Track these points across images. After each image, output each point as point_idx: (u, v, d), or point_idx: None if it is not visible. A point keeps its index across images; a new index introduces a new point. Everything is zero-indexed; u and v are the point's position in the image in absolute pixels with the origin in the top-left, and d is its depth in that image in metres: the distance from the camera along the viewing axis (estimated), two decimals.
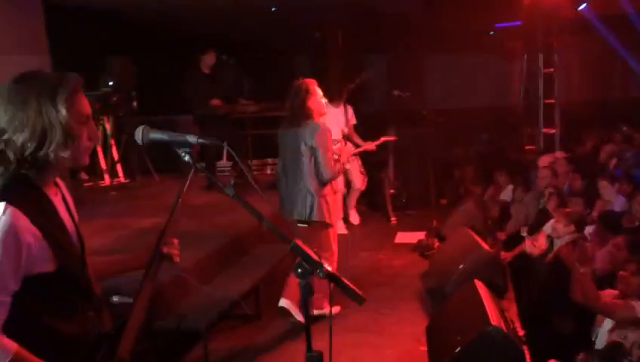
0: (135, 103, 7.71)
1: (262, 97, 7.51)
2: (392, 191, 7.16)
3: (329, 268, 1.57)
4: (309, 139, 3.79)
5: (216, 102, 6.69)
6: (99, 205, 6.27)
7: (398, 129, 7.48)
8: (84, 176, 7.96)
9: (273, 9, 8.23)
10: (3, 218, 1.47)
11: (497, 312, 3.19)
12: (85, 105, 1.60)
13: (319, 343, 1.70)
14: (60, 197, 1.68)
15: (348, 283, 1.59)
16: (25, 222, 1.49)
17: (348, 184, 6.48)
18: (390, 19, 8.92)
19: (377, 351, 3.68)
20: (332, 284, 1.58)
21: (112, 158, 7.77)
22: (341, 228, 5.81)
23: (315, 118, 3.87)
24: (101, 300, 1.76)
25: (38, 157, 1.53)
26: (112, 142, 7.73)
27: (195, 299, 3.74)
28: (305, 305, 1.56)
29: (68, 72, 1.60)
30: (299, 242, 1.60)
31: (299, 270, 1.56)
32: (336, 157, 3.97)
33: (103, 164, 7.65)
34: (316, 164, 3.80)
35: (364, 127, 6.57)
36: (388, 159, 7.35)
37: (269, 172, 8.11)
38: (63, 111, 1.53)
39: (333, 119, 5.58)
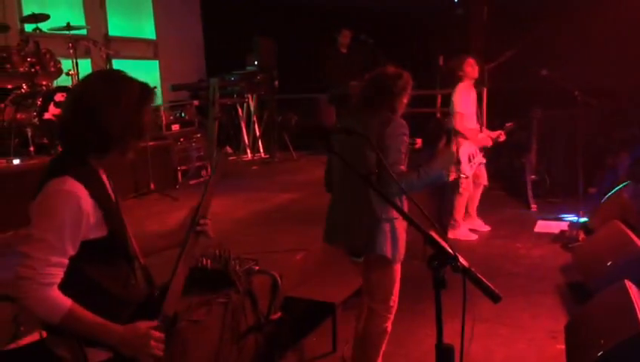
0: (276, 83, 8.03)
1: None
2: (533, 176, 6.76)
3: (464, 262, 1.54)
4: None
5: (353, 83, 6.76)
6: (241, 179, 6.68)
7: (544, 110, 7.01)
8: (229, 150, 8.51)
9: None
10: (68, 189, 1.65)
11: None
12: (150, 113, 1.85)
13: (449, 331, 1.67)
14: (105, 177, 1.89)
15: (483, 278, 1.54)
16: (84, 193, 1.68)
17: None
18: None
19: (509, 344, 3.54)
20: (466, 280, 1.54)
21: (254, 134, 8.20)
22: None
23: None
24: (143, 268, 1.95)
25: (111, 142, 1.75)
26: (255, 118, 8.16)
27: (330, 273, 3.87)
28: (437, 298, 1.55)
29: (148, 85, 1.84)
30: (433, 233, 1.59)
31: (433, 262, 1.55)
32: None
33: (245, 140, 8.12)
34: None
35: (506, 108, 6.25)
36: (530, 142, 6.93)
37: None
38: (145, 118, 1.79)
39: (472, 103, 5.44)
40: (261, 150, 8.24)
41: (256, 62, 7.94)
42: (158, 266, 2.04)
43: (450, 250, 1.55)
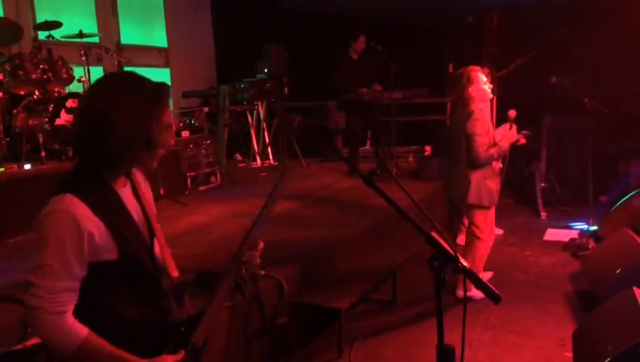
0: (286, 90, 8.08)
1: (408, 84, 7.44)
2: (543, 184, 6.73)
3: (465, 264, 1.54)
4: (463, 126, 4.03)
5: (365, 90, 6.77)
6: (250, 185, 6.71)
7: (555, 118, 6.99)
8: (239, 157, 8.57)
9: None
10: (64, 208, 1.53)
11: None
12: (169, 116, 1.68)
13: (451, 336, 1.67)
14: (128, 188, 1.74)
15: (484, 280, 1.54)
16: (86, 211, 1.55)
17: None
18: None
19: (517, 352, 3.51)
20: (467, 280, 1.54)
21: (264, 142, 8.24)
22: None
23: (474, 106, 4.05)
24: (177, 289, 1.79)
25: (116, 154, 1.60)
26: (264, 126, 8.20)
27: (335, 279, 3.87)
28: (438, 298, 1.55)
29: (163, 85, 1.67)
30: (434, 234, 1.59)
31: (434, 263, 1.55)
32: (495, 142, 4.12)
33: (255, 147, 8.16)
34: (468, 149, 4.02)
35: (517, 116, 6.21)
36: (540, 150, 6.90)
37: (411, 159, 8.04)
38: (156, 121, 1.62)
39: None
40: (270, 157, 8.28)
41: (266, 70, 8.00)
42: None
43: (451, 251, 1.55)
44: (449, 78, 4.29)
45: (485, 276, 4.47)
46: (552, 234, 5.86)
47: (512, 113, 4.31)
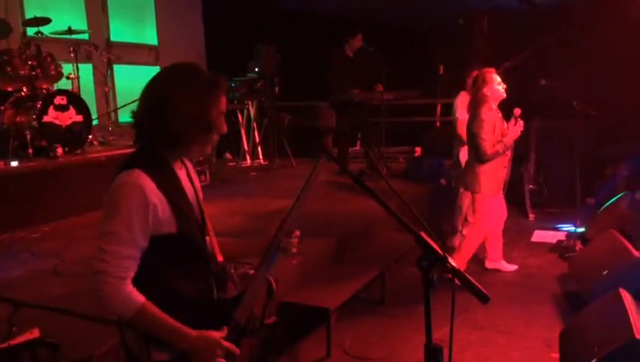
0: (277, 89, 8.07)
1: (399, 85, 7.46)
2: (531, 186, 6.77)
3: (453, 263, 1.54)
4: (471, 126, 4.51)
5: (357, 91, 6.75)
6: (239, 184, 6.69)
7: (543, 120, 7.03)
8: (229, 156, 8.55)
9: None
10: (134, 180, 1.65)
11: None
12: (225, 104, 1.81)
13: (441, 337, 1.68)
14: (184, 172, 1.87)
15: (472, 280, 1.55)
16: (152, 185, 1.67)
17: None
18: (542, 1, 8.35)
19: (504, 352, 3.53)
20: (456, 280, 1.54)
21: (254, 141, 8.23)
22: None
23: (488, 105, 4.47)
24: (223, 269, 1.90)
25: (177, 136, 1.72)
26: (255, 125, 8.19)
27: (324, 279, 3.87)
28: (427, 298, 1.55)
29: (222, 75, 1.83)
30: (423, 234, 1.59)
31: (422, 263, 1.55)
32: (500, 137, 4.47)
33: (245, 146, 8.15)
34: (475, 147, 4.47)
35: (506, 118, 6.25)
36: (529, 152, 6.95)
37: (401, 160, 8.06)
38: (214, 107, 1.76)
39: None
40: (260, 156, 8.26)
41: (257, 69, 7.98)
42: None
43: (439, 251, 1.55)
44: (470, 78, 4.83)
45: (509, 267, 4.92)
46: (540, 236, 5.90)
47: (517, 111, 4.57)
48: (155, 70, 9.07)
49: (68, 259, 3.95)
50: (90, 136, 5.75)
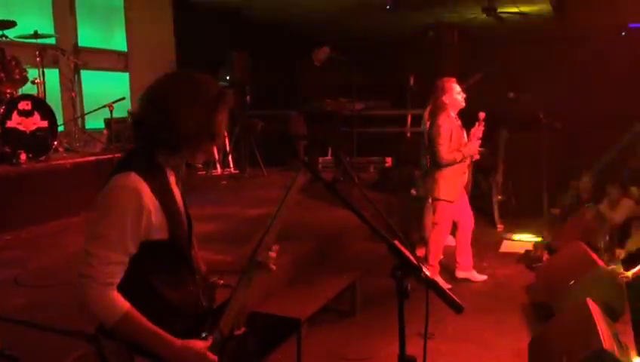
0: (248, 97, 8.02)
1: (370, 96, 7.50)
2: (499, 196, 6.87)
3: (427, 273, 1.53)
4: (430, 131, 4.63)
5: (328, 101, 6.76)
6: (209, 193, 6.60)
7: (511, 132, 7.16)
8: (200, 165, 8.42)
9: (388, 7, 8.17)
10: (130, 184, 1.63)
11: (610, 335, 2.95)
12: (227, 114, 1.82)
13: (413, 348, 1.66)
14: (173, 178, 1.84)
15: (446, 290, 1.54)
16: (147, 190, 1.65)
17: None
18: (509, 17, 8.53)
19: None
20: (429, 290, 1.53)
21: (225, 149, 8.15)
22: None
23: (446, 113, 4.58)
24: (204, 278, 1.90)
25: (182, 142, 1.72)
26: (225, 133, 8.11)
27: (295, 289, 3.83)
28: (400, 308, 1.54)
29: (228, 88, 1.80)
30: (397, 243, 1.58)
31: (396, 272, 1.54)
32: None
33: (215, 155, 8.05)
34: (433, 152, 4.60)
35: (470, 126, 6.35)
36: (497, 163, 7.06)
37: (372, 170, 8.09)
38: (221, 117, 1.77)
39: None
40: (231, 165, 8.18)
41: (227, 77, 7.92)
42: None
43: (414, 261, 1.54)
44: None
45: (479, 277, 4.97)
46: (508, 246, 5.98)
47: (482, 115, 4.68)
48: (124, 76, 8.96)
49: (30, 269, 3.82)
50: (55, 143, 5.60)
